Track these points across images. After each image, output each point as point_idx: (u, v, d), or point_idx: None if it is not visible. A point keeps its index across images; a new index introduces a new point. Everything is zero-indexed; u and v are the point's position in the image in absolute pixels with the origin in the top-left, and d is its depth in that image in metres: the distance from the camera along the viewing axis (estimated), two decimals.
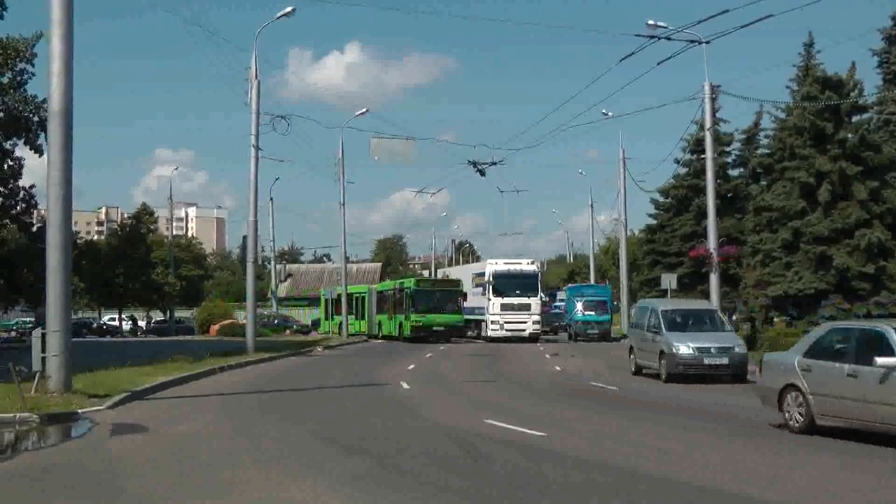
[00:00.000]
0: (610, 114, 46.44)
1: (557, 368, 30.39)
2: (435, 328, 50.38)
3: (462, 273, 60.88)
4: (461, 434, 13.89)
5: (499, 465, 11.30)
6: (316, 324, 68.60)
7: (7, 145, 41.12)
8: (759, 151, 50.53)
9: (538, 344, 47.21)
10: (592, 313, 53.73)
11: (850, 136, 37.41)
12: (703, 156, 39.81)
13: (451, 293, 52.29)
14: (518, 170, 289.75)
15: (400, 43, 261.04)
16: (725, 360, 24.66)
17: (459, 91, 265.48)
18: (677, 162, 53.98)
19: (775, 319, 43.35)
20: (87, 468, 11.22)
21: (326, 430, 14.47)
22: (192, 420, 15.75)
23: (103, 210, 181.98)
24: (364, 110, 52.76)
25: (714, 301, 35.55)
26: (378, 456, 11.88)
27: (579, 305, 54.52)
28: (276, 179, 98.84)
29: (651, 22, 31.53)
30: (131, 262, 63.50)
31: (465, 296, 51.86)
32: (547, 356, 37.09)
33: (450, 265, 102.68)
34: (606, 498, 9.46)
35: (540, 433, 13.87)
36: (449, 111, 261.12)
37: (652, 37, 29.89)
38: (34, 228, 44.03)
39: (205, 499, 9.30)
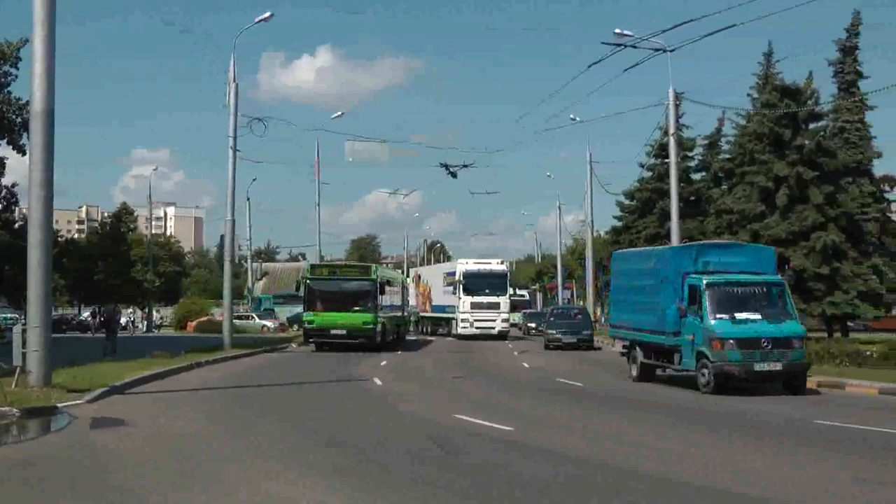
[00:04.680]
0: (578, 119, 46.62)
1: (525, 365, 30.40)
2: (333, 331, 36.17)
3: (433, 272, 60.82)
4: (434, 429, 13.88)
5: (470, 458, 11.30)
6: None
7: None
8: (720, 156, 50.80)
9: (507, 342, 47.22)
10: (756, 319, 20.63)
11: (806, 142, 37.75)
12: (667, 160, 40.03)
13: (357, 284, 37.34)
14: (489, 172, 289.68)
15: (371, 46, 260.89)
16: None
17: (432, 95, 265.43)
18: (642, 166, 54.20)
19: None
20: (67, 461, 11.10)
21: (303, 424, 14.45)
22: (171, 414, 15.65)
23: (83, 209, 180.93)
24: (339, 113, 52.94)
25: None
26: (355, 449, 11.87)
27: (710, 298, 20.75)
28: (254, 180, 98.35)
29: (618, 31, 31.73)
30: (111, 260, 63.04)
31: (382, 288, 37.68)
32: (515, 353, 37.13)
33: (422, 264, 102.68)
34: (574, 489, 9.46)
35: (508, 427, 13.87)
36: (421, 114, 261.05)
37: (619, 45, 30.04)
38: (16, 226, 43.72)
39: (186, 491, 9.21)
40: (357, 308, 36.39)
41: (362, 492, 9.15)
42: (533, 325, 59.00)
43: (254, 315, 64.06)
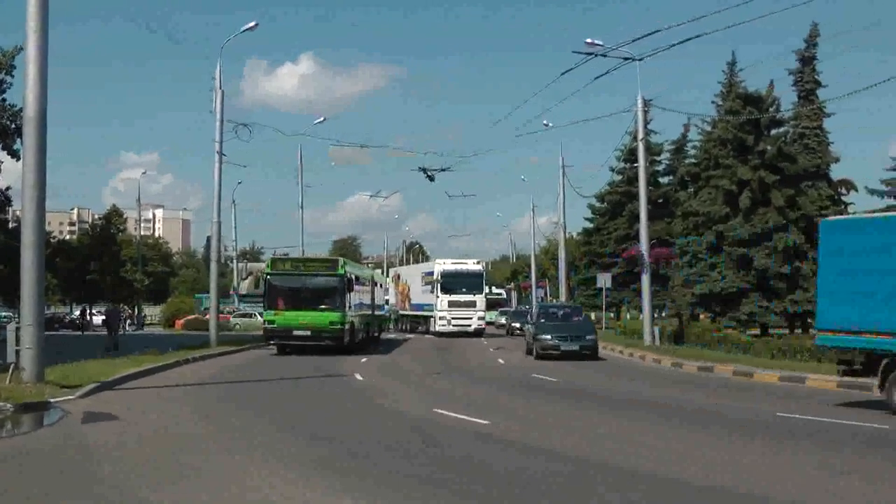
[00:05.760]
0: (550, 125, 46.54)
1: (501, 361, 30.37)
2: (296, 332, 31.70)
3: (412, 272, 60.77)
4: (413, 422, 13.88)
5: (448, 450, 11.29)
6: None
7: None
8: (686, 161, 51.23)
9: (482, 339, 47.23)
10: None
11: (768, 147, 38.09)
12: (635, 164, 40.16)
13: (323, 280, 32.74)
14: (466, 175, 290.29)
15: (351, 54, 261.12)
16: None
17: (410, 101, 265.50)
18: (612, 170, 54.50)
19: (700, 315, 43.96)
20: (59, 455, 11.00)
21: (286, 419, 14.38)
22: (159, 409, 15.55)
23: (75, 211, 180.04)
24: (322, 119, 52.74)
25: (645, 298, 35.78)
26: (337, 443, 11.82)
27: None
28: (239, 183, 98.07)
29: (589, 40, 31.78)
30: (102, 260, 62.79)
31: (350, 284, 32.94)
32: (491, 350, 37.11)
33: (401, 264, 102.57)
34: (545, 478, 9.46)
35: (485, 421, 13.87)
36: (401, 120, 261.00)
37: (589, 54, 30.07)
38: (10, 227, 43.48)
39: (174, 483, 9.14)
40: (323, 306, 32.04)
41: (343, 482, 9.08)
42: (518, 324, 51.99)
43: (256, 313, 63.92)
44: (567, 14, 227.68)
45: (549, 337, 30.71)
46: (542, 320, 32.76)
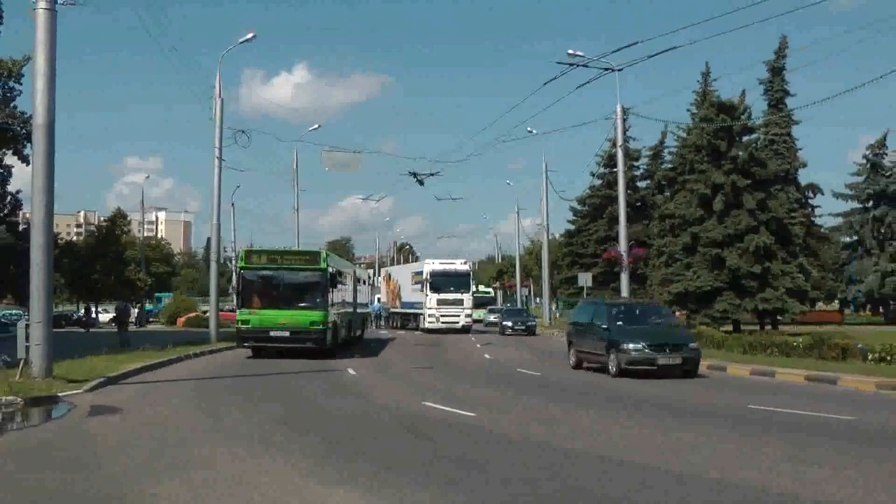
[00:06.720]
0: (535, 131, 46.68)
1: (488, 357, 30.40)
2: (273, 333, 27.17)
3: (402, 272, 60.73)
4: (403, 415, 13.91)
5: (437, 441, 11.30)
6: None
7: None
8: (663, 166, 51.42)
9: (470, 335, 47.25)
10: None
11: (740, 153, 38.31)
12: (615, 169, 40.28)
13: (304, 275, 28.11)
14: (454, 179, 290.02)
15: (344, 63, 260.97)
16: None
17: (401, 108, 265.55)
18: (593, 175, 54.63)
19: (677, 313, 44.17)
20: (67, 446, 11.00)
21: (284, 411, 14.38)
22: (162, 402, 15.54)
23: (82, 213, 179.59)
24: (316, 126, 52.57)
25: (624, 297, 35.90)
26: (330, 435, 11.83)
27: None
28: (238, 187, 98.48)
29: (571, 51, 31.89)
30: (107, 261, 62.61)
31: (333, 280, 28.51)
32: (478, 346, 37.13)
33: (392, 264, 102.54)
34: (531, 468, 9.51)
35: (471, 413, 13.90)
36: (392, 126, 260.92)
37: (571, 64, 30.18)
38: (20, 229, 43.40)
39: (178, 473, 9.11)
40: (303, 304, 27.68)
41: (338, 471, 9.09)
42: (509, 323, 49.76)
43: None
44: (550, 28, 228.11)
45: (639, 346, 21.40)
46: (620, 323, 23.00)
